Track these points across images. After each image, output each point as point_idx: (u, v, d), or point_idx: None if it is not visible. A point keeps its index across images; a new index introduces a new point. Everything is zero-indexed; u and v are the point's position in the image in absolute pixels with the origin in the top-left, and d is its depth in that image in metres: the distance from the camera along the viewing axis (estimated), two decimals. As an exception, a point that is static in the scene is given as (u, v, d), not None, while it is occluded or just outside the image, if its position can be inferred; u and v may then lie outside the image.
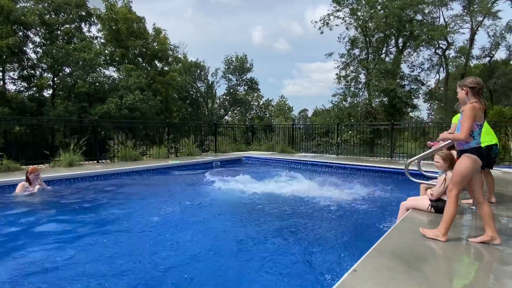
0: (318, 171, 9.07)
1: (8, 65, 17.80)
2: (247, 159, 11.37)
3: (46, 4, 18.91)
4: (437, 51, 23.51)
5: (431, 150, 4.68)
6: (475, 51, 22.77)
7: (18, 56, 17.69)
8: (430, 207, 3.61)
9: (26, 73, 18.61)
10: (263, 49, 67.43)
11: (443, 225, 2.75)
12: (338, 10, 23.98)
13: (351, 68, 25.11)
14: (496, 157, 4.47)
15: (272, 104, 40.76)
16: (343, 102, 25.08)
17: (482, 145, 3.86)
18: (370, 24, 23.07)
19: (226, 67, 33.90)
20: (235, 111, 37.29)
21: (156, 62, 24.38)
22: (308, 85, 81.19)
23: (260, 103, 38.27)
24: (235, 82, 34.60)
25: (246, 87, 35.26)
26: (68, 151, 8.06)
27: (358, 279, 2.05)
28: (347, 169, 8.88)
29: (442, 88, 24.41)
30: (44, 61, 18.40)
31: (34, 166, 5.72)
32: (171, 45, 25.02)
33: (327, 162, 9.52)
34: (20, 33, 17.57)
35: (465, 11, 21.35)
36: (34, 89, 19.23)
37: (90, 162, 8.78)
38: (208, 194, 5.97)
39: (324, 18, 24.43)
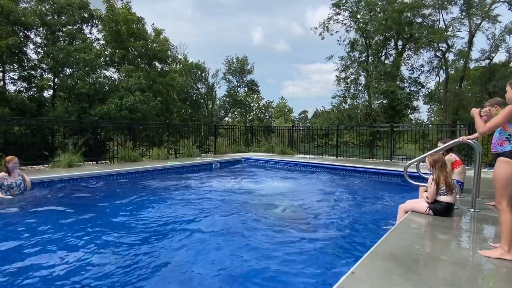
0: (317, 173, 9.07)
1: (8, 65, 17.82)
2: (247, 161, 11.37)
3: (48, 6, 18.95)
4: (437, 53, 23.57)
5: (430, 152, 4.68)
6: (475, 54, 22.83)
7: (18, 57, 17.71)
8: (428, 209, 3.61)
9: (26, 73, 18.62)
10: (263, 50, 67.79)
11: (505, 241, 2.45)
12: (337, 14, 24.11)
13: (351, 70, 25.18)
14: None
15: (272, 106, 40.83)
16: (343, 104, 25.16)
17: None
18: (369, 27, 23.16)
19: (227, 68, 33.99)
20: (235, 113, 37.35)
21: (157, 63, 24.40)
22: (308, 86, 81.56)
23: (260, 105, 38.34)
24: (235, 83, 34.68)
25: (246, 89, 35.33)
26: (67, 151, 8.07)
27: (356, 281, 2.04)
28: (346, 171, 8.87)
29: (442, 91, 24.43)
30: (45, 62, 18.43)
31: (11, 156, 5.48)
32: (171, 45, 25.05)
33: (326, 164, 9.52)
34: (21, 34, 17.60)
35: (463, 14, 21.42)
36: (34, 89, 19.26)
37: (89, 163, 8.77)
38: (206, 194, 5.97)
39: (324, 23, 24.57)
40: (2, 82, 18.05)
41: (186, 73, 30.50)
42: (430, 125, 21.65)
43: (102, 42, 21.90)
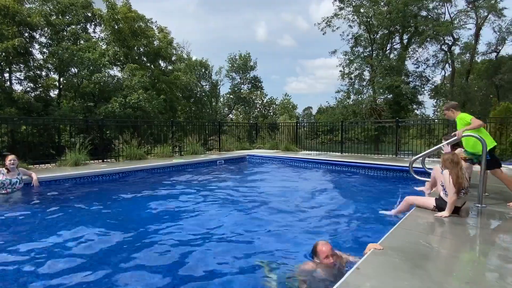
0: (321, 169, 9.05)
1: (14, 65, 18.00)
2: (251, 158, 11.38)
3: (52, 6, 19.06)
4: (442, 47, 23.27)
5: (435, 147, 4.66)
6: (481, 47, 22.53)
7: (24, 57, 17.87)
8: (435, 206, 3.59)
9: (32, 73, 18.80)
10: (266, 46, 67.55)
11: None
12: (341, 9, 23.92)
13: (355, 65, 25.01)
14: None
15: (275, 103, 40.68)
16: (347, 99, 25.03)
17: (489, 146, 3.85)
18: (373, 21, 22.94)
19: (230, 65, 33.94)
20: (239, 110, 37.31)
21: (160, 61, 24.44)
22: (312, 82, 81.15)
23: (264, 101, 38.21)
24: (239, 80, 34.65)
25: (249, 86, 35.27)
26: (74, 150, 8.14)
27: (361, 277, 2.05)
28: (351, 167, 8.84)
29: (448, 84, 24.15)
30: (50, 61, 18.57)
31: (12, 155, 5.45)
32: (173, 43, 25.03)
33: (331, 160, 9.48)
34: (26, 34, 17.74)
35: (470, 6, 21.09)
36: (40, 89, 19.45)
37: (95, 161, 8.85)
38: (209, 191, 6.00)
39: (327, 18, 24.39)
40: (9, 83, 18.24)
41: (190, 70, 30.53)
42: (436, 120, 21.44)
43: (106, 41, 21.99)
